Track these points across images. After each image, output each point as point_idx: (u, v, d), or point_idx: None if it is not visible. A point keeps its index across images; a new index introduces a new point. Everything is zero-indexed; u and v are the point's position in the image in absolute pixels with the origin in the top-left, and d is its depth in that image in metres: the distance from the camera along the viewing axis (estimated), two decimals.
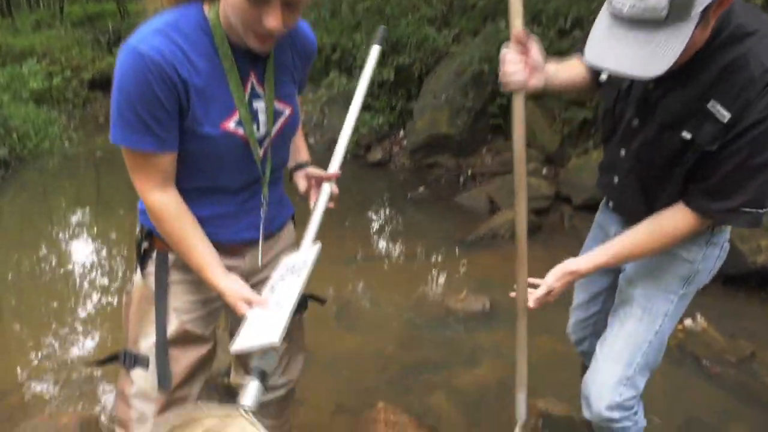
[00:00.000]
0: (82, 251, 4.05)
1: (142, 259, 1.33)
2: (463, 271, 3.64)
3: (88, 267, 3.76)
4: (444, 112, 5.34)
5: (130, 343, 1.34)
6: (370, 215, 4.76)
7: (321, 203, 1.38)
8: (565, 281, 1.45)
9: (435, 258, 3.86)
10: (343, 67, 6.66)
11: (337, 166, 1.43)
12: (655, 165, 1.35)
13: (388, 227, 4.59)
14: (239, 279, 1.23)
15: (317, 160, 1.50)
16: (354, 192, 4.95)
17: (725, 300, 3.05)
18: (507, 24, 1.52)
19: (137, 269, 1.34)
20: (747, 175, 1.21)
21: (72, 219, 4.79)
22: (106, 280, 3.59)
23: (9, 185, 5.31)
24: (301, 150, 1.50)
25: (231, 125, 1.18)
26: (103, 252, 4.06)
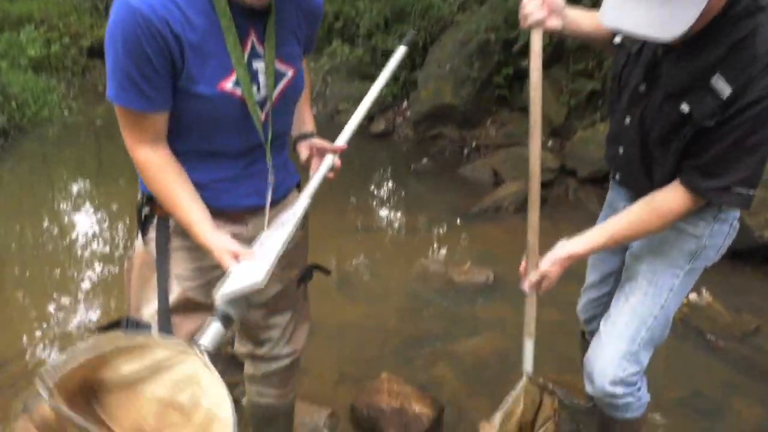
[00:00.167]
0: (83, 221, 4.03)
1: (143, 225, 1.30)
2: (467, 244, 3.62)
3: (90, 236, 3.74)
4: (448, 82, 5.26)
5: (132, 310, 1.32)
6: (372, 187, 4.72)
7: (321, 170, 1.34)
8: (562, 266, 1.43)
9: (438, 230, 3.84)
10: (346, 36, 6.55)
11: (344, 140, 1.38)
12: (656, 135, 1.33)
13: (390, 199, 4.56)
14: (228, 235, 1.18)
15: (319, 130, 1.46)
16: (356, 163, 4.91)
17: (731, 274, 3.03)
18: None
19: (138, 235, 1.32)
20: (741, 154, 1.21)
21: (73, 188, 4.76)
22: (107, 248, 3.58)
23: (8, 154, 5.26)
24: (307, 120, 1.45)
25: (228, 85, 1.14)
26: (105, 221, 4.04)
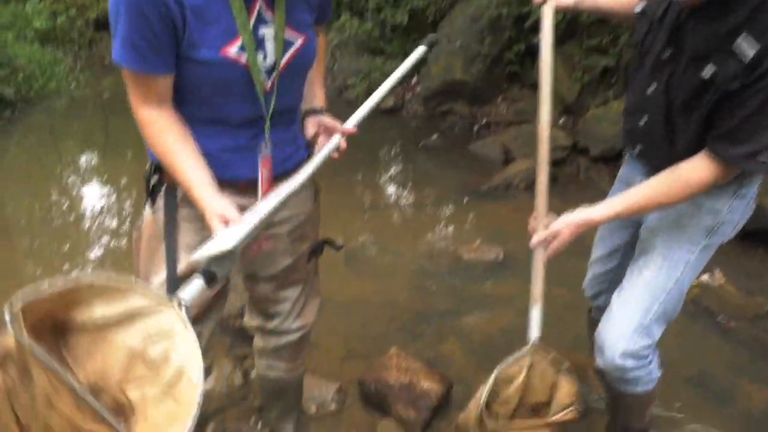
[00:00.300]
0: (91, 194, 4.02)
1: (151, 194, 1.28)
2: (476, 221, 3.59)
3: (97, 209, 3.73)
4: (459, 57, 5.17)
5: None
6: (380, 163, 4.68)
7: (326, 148, 1.29)
8: (576, 229, 1.40)
9: (447, 207, 3.81)
10: (355, 10, 6.45)
11: (354, 123, 1.34)
12: (680, 102, 1.31)
13: (399, 176, 4.52)
14: (227, 200, 1.14)
15: (327, 105, 1.43)
16: (365, 140, 4.83)
17: (743, 256, 3.00)
18: None
19: (146, 204, 1.30)
20: (766, 119, 1.18)
21: (81, 161, 4.75)
22: (115, 222, 3.57)
23: (16, 126, 5.25)
24: (318, 95, 1.41)
25: (232, 51, 1.11)
26: (113, 194, 4.03)
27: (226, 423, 1.92)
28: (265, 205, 1.15)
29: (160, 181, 1.27)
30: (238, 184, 1.25)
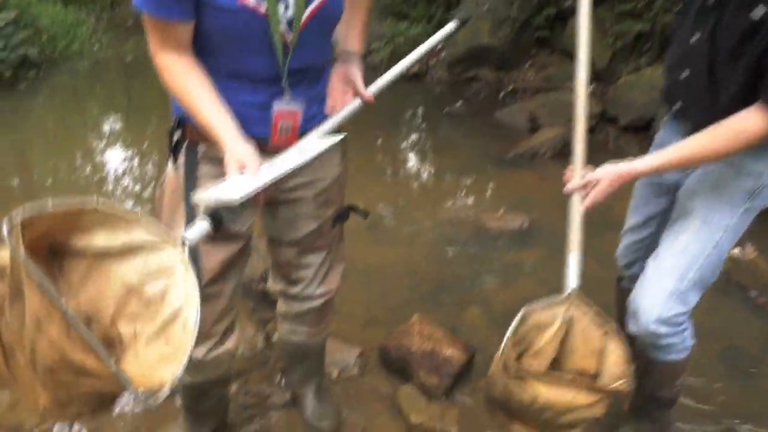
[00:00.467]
0: (115, 157, 4.04)
1: (174, 150, 1.27)
2: (500, 190, 3.53)
3: (121, 172, 3.75)
4: (486, 22, 5.03)
5: None
6: (403, 130, 4.61)
7: (344, 111, 1.29)
8: (618, 179, 1.35)
9: (470, 175, 3.74)
10: None
11: (375, 91, 1.33)
12: (726, 50, 1.24)
13: (422, 143, 4.45)
14: (250, 146, 1.11)
15: None
16: (387, 105, 4.77)
17: None
18: None
19: (169, 161, 1.29)
20: None
21: (104, 124, 4.76)
22: (139, 184, 3.59)
23: (41, 87, 5.27)
24: (355, 36, 1.36)
25: (251, 0, 1.07)
26: (136, 157, 4.04)
27: (248, 385, 1.94)
28: (283, 165, 1.13)
29: (182, 137, 1.25)
30: (259, 141, 1.22)
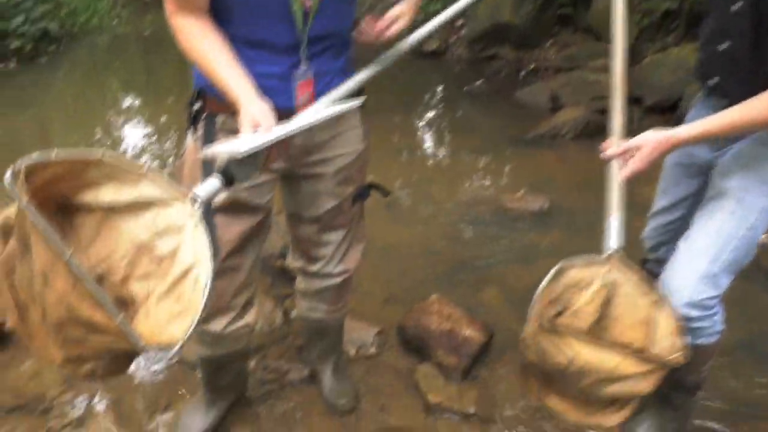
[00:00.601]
0: (134, 132, 4.05)
1: (193, 120, 1.26)
2: (520, 170, 3.49)
3: (140, 146, 3.77)
4: None
5: None
6: (422, 108, 4.56)
7: (362, 74, 1.28)
8: (658, 148, 1.29)
9: (490, 155, 3.70)
10: None
11: (389, 56, 1.36)
12: None
13: (440, 121, 4.40)
14: (266, 105, 1.10)
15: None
16: (406, 84, 4.72)
17: None
18: None
19: (189, 133, 1.28)
20: None
21: (123, 99, 4.78)
22: (158, 160, 3.61)
23: (61, 61, 5.29)
24: None
25: None
26: (155, 132, 4.05)
27: (267, 360, 1.95)
28: (297, 121, 1.12)
29: (202, 108, 1.24)
30: (279, 112, 1.21)
